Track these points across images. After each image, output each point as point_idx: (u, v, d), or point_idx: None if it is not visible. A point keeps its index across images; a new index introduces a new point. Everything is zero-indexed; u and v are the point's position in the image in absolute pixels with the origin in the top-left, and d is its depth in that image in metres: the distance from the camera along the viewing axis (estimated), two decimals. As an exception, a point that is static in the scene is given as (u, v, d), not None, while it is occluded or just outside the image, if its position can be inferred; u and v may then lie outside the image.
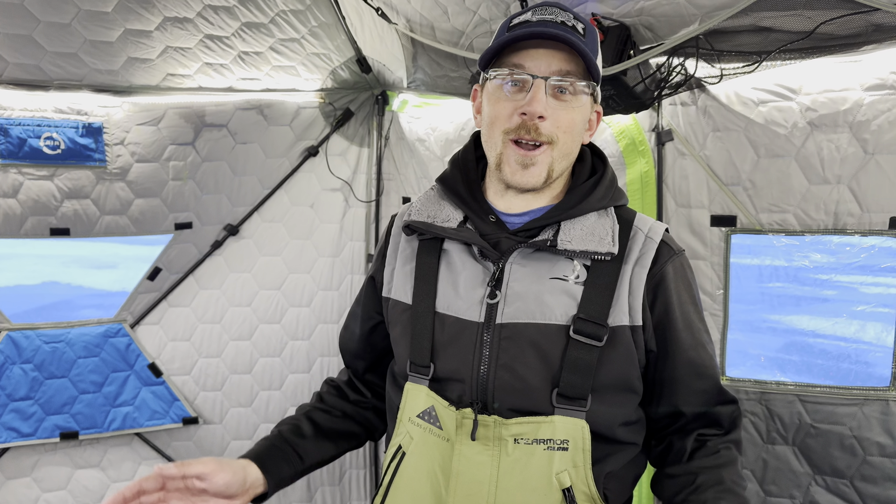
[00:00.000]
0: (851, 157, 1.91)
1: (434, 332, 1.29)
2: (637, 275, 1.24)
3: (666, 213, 2.28)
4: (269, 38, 2.76)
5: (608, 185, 1.32)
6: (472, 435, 1.21)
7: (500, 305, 1.24)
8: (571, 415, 1.20)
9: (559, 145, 1.23)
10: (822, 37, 1.70)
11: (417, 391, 1.30)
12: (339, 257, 3.37)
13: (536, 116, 1.19)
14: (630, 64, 1.83)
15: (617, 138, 2.27)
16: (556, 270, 1.24)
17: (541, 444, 1.19)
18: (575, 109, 1.23)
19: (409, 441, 1.31)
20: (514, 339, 1.22)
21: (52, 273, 13.06)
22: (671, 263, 1.27)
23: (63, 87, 2.67)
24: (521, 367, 1.22)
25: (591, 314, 1.20)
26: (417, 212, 1.36)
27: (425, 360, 1.29)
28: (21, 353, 2.87)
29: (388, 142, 3.30)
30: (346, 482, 3.48)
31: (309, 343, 3.35)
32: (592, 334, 1.20)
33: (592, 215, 1.28)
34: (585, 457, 1.20)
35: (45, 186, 2.75)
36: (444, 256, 1.33)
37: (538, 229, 1.28)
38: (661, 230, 1.29)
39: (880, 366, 2.03)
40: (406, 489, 1.31)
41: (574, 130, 1.24)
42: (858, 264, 2.15)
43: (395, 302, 1.38)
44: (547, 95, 1.20)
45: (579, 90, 1.22)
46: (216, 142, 3.00)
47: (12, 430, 2.87)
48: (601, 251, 1.22)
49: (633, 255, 1.25)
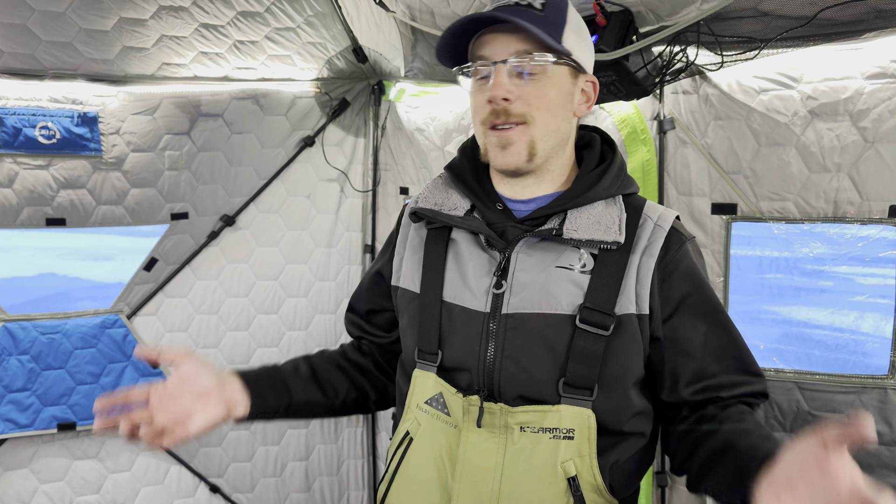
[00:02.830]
0: (851, 146, 1.90)
1: (441, 320, 1.29)
2: (645, 263, 1.22)
3: (667, 201, 2.28)
4: (264, 28, 2.74)
5: (616, 172, 1.30)
6: (477, 422, 1.22)
7: (505, 295, 1.24)
8: (578, 404, 1.19)
9: (537, 123, 1.22)
10: (823, 23, 1.69)
11: (426, 378, 1.30)
12: (335, 247, 3.36)
13: (500, 100, 1.20)
14: (631, 49, 1.82)
15: (619, 127, 2.26)
16: (563, 259, 1.24)
17: (547, 432, 1.19)
18: (545, 84, 1.22)
19: (416, 427, 1.31)
20: (519, 330, 1.22)
21: (49, 265, 13.06)
22: (681, 250, 1.25)
23: (58, 77, 2.65)
24: (527, 358, 1.21)
25: (598, 303, 1.20)
26: (425, 199, 1.36)
27: (433, 348, 1.29)
28: (18, 344, 2.86)
29: (385, 132, 3.28)
30: (343, 472, 3.49)
31: (306, 333, 3.34)
32: (599, 324, 1.19)
33: (600, 204, 1.26)
34: (591, 446, 1.19)
35: (41, 176, 2.74)
36: (452, 245, 1.33)
37: (545, 218, 1.27)
38: (670, 218, 1.28)
39: (878, 356, 2.04)
40: (413, 475, 1.31)
41: (551, 106, 1.23)
42: (856, 254, 2.15)
43: (404, 290, 1.38)
44: (512, 77, 1.20)
45: (542, 65, 1.20)
46: (212, 132, 2.98)
47: (10, 421, 2.87)
48: (607, 240, 1.21)
49: (642, 243, 1.24)
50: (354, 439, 3.48)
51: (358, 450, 3.49)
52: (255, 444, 3.31)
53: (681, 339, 1.24)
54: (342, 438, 3.47)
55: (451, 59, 1.28)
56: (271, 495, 3.37)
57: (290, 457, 3.38)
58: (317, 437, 3.42)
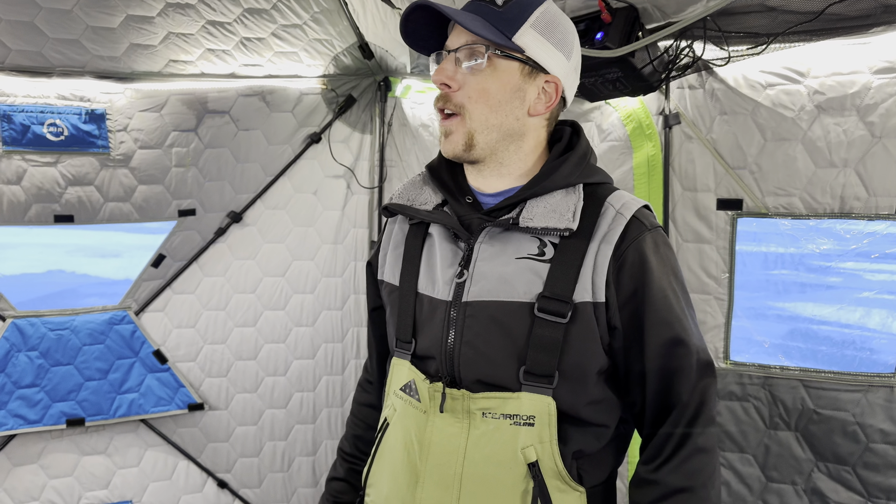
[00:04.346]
0: (858, 141, 1.89)
1: (415, 311, 1.34)
2: (602, 251, 1.23)
3: (672, 196, 2.27)
4: (271, 24, 2.75)
5: (577, 161, 1.31)
6: (440, 407, 1.26)
7: (466, 284, 1.27)
8: (538, 391, 1.21)
9: (473, 115, 1.26)
10: (830, 18, 1.69)
11: (401, 365, 1.36)
12: (342, 244, 3.37)
13: (440, 84, 1.26)
14: (637, 46, 1.81)
15: (624, 122, 2.26)
16: (523, 249, 1.26)
17: (507, 418, 1.22)
18: (486, 78, 1.24)
19: (392, 413, 1.37)
20: (477, 317, 1.25)
21: (57, 261, 13.11)
22: (641, 239, 1.24)
23: (65, 74, 2.67)
24: (484, 344, 1.24)
25: (556, 291, 1.21)
26: (399, 195, 1.42)
27: (408, 337, 1.35)
28: (27, 340, 2.88)
29: (391, 128, 3.28)
30: (350, 468, 3.50)
31: (313, 329, 3.35)
32: (556, 311, 1.20)
33: (559, 193, 1.28)
34: (552, 433, 1.21)
35: (49, 173, 2.75)
36: (428, 240, 1.37)
37: (509, 208, 1.30)
38: (634, 206, 1.27)
39: (885, 352, 2.03)
40: (387, 458, 1.36)
41: (490, 100, 1.25)
42: (863, 250, 2.14)
43: (387, 283, 1.44)
44: (456, 66, 1.26)
45: (487, 57, 1.23)
46: (219, 128, 2.99)
47: (19, 417, 2.89)
48: (559, 227, 1.22)
49: (601, 231, 1.24)
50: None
51: (365, 445, 3.50)
52: (262, 439, 3.33)
53: (631, 331, 1.24)
54: (349, 434, 3.48)
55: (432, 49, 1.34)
56: (279, 490, 3.38)
57: (297, 452, 3.39)
58: (324, 432, 3.43)
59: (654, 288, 1.23)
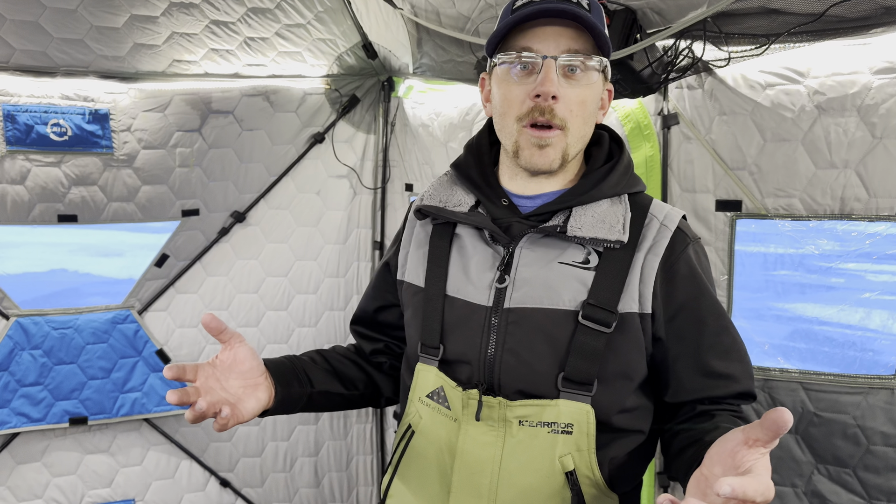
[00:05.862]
0: (859, 142, 1.89)
1: (444, 314, 1.30)
2: (649, 262, 1.22)
3: (671, 197, 2.27)
4: (274, 24, 2.76)
5: (623, 171, 1.30)
6: (476, 415, 1.23)
7: (508, 290, 1.24)
8: (576, 399, 1.19)
9: (572, 131, 1.22)
10: (831, 19, 1.69)
11: (427, 371, 1.32)
12: (345, 244, 3.37)
13: (550, 97, 1.17)
14: (637, 48, 1.82)
15: (622, 122, 2.26)
16: (566, 256, 1.24)
17: (545, 426, 1.20)
18: (586, 88, 1.21)
19: (418, 420, 1.32)
20: (521, 324, 1.23)
21: (61, 261, 13.13)
22: (686, 251, 1.25)
23: (69, 74, 2.68)
24: (527, 352, 1.22)
25: (601, 300, 1.20)
26: (430, 196, 1.37)
27: (435, 342, 1.30)
28: (30, 339, 2.90)
29: (394, 128, 3.29)
30: (353, 468, 3.51)
31: (315, 330, 3.36)
32: (601, 320, 1.19)
33: (605, 202, 1.26)
34: (590, 441, 1.19)
35: (53, 173, 2.77)
36: (456, 240, 1.33)
37: (550, 213, 1.27)
38: (676, 217, 1.28)
39: (886, 353, 2.03)
40: (414, 467, 1.32)
41: (586, 110, 1.23)
42: (864, 251, 2.14)
43: (409, 284, 1.40)
44: (560, 76, 1.18)
45: (590, 67, 1.20)
46: (222, 128, 3.00)
47: (22, 415, 2.90)
48: (611, 239, 1.21)
49: (647, 242, 1.24)
50: (363, 436, 3.50)
51: (367, 446, 3.51)
52: (264, 439, 3.34)
53: (682, 341, 1.24)
54: (351, 435, 3.49)
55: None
56: (281, 490, 3.39)
57: (299, 452, 3.40)
58: (326, 433, 3.44)
59: (705, 300, 1.24)
